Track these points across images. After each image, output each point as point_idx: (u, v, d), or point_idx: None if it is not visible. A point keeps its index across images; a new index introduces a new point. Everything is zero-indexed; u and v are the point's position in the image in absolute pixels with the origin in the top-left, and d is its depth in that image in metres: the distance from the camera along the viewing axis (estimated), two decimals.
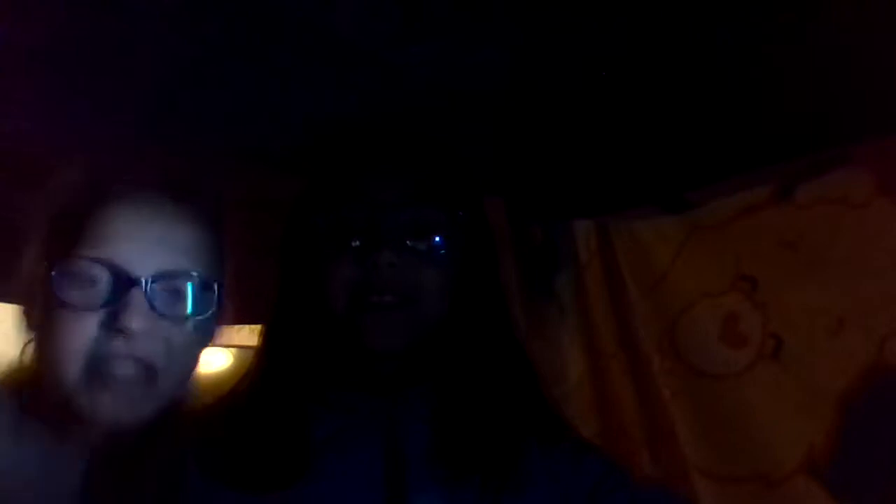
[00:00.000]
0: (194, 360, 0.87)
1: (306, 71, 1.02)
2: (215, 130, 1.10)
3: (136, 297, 0.79)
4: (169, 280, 0.82)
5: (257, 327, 0.91)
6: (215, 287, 0.86)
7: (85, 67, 0.98)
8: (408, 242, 0.82)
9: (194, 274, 0.84)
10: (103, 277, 0.80)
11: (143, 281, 0.80)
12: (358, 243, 0.81)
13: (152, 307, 0.80)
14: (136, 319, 0.78)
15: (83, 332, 0.79)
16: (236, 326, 1.05)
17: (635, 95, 1.12)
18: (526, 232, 1.54)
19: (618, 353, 1.48)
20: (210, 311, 0.85)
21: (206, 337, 0.87)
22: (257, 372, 0.86)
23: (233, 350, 1.08)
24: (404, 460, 0.79)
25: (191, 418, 0.89)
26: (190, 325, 0.84)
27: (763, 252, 1.33)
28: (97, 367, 0.79)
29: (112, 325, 0.79)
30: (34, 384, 0.84)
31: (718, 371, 1.36)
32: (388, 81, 1.04)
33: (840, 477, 1.19)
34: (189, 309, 0.83)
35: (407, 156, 0.88)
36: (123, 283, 0.79)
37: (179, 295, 0.83)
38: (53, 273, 0.81)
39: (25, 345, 0.91)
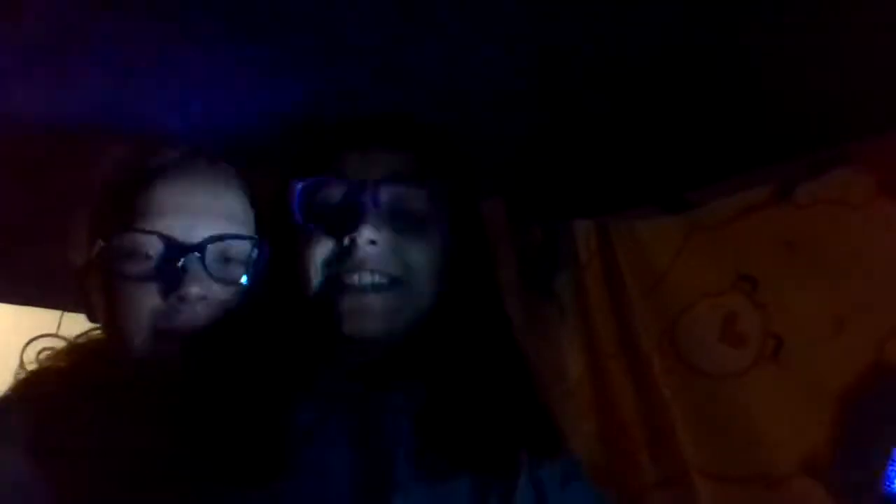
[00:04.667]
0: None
1: (306, 71, 1.02)
2: (214, 131, 1.10)
3: (192, 263, 0.82)
4: (219, 244, 0.84)
5: None
6: (260, 249, 0.88)
7: (83, 65, 0.98)
8: (389, 221, 0.78)
9: (243, 236, 0.87)
10: (157, 248, 0.83)
11: (196, 247, 0.82)
12: (337, 222, 0.78)
13: (207, 272, 0.82)
14: (194, 285, 0.81)
15: (144, 302, 0.82)
16: None
17: (635, 95, 1.12)
18: (526, 232, 1.54)
19: (618, 353, 1.48)
20: (259, 272, 0.88)
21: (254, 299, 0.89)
22: (237, 363, 0.82)
23: None
24: (388, 457, 0.75)
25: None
26: (243, 286, 0.86)
27: (763, 252, 1.33)
28: (162, 334, 0.82)
29: (171, 293, 0.81)
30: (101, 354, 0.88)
31: (718, 371, 1.36)
32: (388, 81, 1.04)
33: (840, 477, 1.19)
34: (242, 271, 0.86)
35: (389, 135, 0.84)
36: (176, 251, 0.82)
37: (230, 259, 0.86)
38: (109, 248, 0.84)
39: (27, 344, 0.92)
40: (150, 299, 0.82)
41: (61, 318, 1.18)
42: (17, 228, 1.31)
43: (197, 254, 0.82)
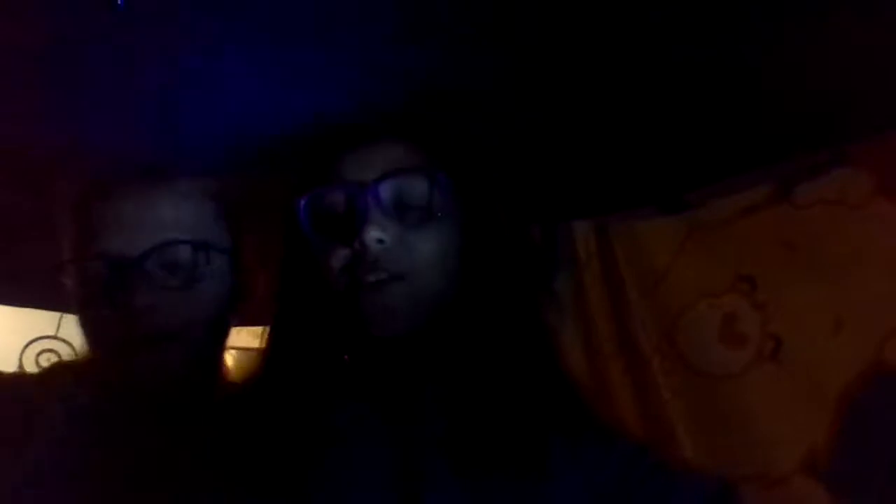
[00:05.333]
0: (218, 324, 0.91)
1: (305, 71, 1.02)
2: (214, 132, 1.10)
3: (133, 277, 0.84)
4: (161, 252, 0.86)
5: (256, 330, 0.91)
6: (220, 253, 0.90)
7: (85, 68, 0.98)
8: (393, 216, 0.78)
9: (185, 242, 0.88)
10: (102, 268, 0.85)
11: (136, 260, 0.85)
12: (345, 227, 0.78)
13: (150, 282, 0.85)
14: (137, 297, 0.84)
15: (100, 321, 0.86)
16: (235, 329, 1.05)
17: (635, 96, 1.12)
18: (525, 232, 1.54)
19: (618, 354, 1.48)
20: (216, 275, 0.90)
21: (221, 301, 0.91)
22: (264, 369, 0.83)
23: (233, 352, 1.08)
24: (419, 453, 0.75)
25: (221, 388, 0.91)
26: (199, 289, 0.88)
27: (762, 252, 1.33)
28: (126, 345, 0.85)
29: (120, 308, 0.84)
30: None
31: (718, 371, 1.36)
32: (388, 82, 1.04)
33: (840, 477, 1.19)
34: (188, 274, 0.88)
35: (384, 130, 0.84)
36: (118, 267, 0.85)
37: (177, 265, 0.88)
38: (67, 278, 0.88)
39: (26, 346, 0.95)
40: (105, 317, 0.85)
41: (60, 319, 1.18)
42: (17, 228, 1.31)
43: (138, 267, 0.85)
